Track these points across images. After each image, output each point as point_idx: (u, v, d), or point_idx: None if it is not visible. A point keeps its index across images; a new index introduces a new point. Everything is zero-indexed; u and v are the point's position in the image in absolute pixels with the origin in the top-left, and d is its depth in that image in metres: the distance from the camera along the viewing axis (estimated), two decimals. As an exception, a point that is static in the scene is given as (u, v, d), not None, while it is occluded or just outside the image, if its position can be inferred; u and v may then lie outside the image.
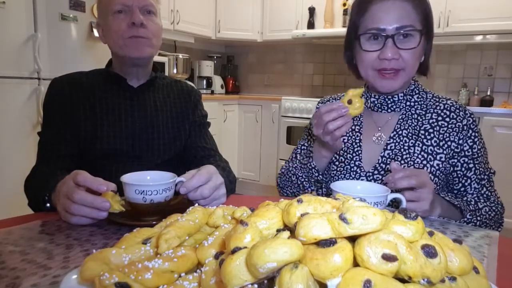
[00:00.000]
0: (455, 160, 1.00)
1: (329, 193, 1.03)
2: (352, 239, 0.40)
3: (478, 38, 3.31)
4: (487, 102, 3.32)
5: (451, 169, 1.01)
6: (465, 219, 0.92)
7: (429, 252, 0.39)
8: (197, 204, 0.68)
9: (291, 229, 0.45)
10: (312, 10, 3.85)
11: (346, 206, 0.43)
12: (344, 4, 3.69)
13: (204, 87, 4.21)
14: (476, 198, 1.00)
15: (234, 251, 0.40)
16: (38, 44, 2.33)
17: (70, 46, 2.54)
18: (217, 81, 4.33)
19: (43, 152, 1.10)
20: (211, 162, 1.10)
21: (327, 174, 1.07)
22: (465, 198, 1.00)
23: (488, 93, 3.36)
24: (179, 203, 0.83)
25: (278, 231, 0.46)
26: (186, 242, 0.55)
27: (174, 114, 1.21)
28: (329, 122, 0.89)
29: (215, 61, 4.50)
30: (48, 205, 0.84)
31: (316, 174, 1.04)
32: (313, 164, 1.03)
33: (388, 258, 0.37)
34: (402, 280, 0.38)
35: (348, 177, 1.04)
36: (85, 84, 1.14)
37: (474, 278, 0.43)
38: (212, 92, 4.25)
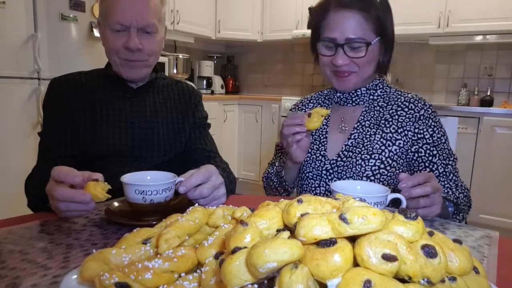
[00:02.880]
0: (417, 147, 1.07)
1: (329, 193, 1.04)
2: (352, 239, 0.40)
3: (478, 38, 3.31)
4: (487, 102, 3.32)
5: (416, 155, 1.07)
6: (451, 213, 0.97)
7: (429, 252, 0.39)
8: (197, 204, 0.68)
9: (291, 229, 0.45)
10: (312, 10, 3.85)
11: (346, 206, 0.43)
12: (344, 4, 3.69)
13: (204, 87, 4.21)
14: (449, 187, 1.04)
15: (234, 251, 0.40)
16: (38, 44, 2.33)
17: (70, 46, 2.54)
18: (217, 81, 4.33)
19: (43, 152, 1.10)
20: (211, 163, 1.09)
21: (296, 183, 1.18)
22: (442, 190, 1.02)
23: (488, 93, 3.36)
24: (179, 203, 0.83)
25: (278, 231, 0.46)
26: (186, 242, 0.55)
27: (174, 115, 1.20)
28: (292, 134, 1.00)
29: (215, 61, 4.50)
30: (49, 205, 0.84)
31: (284, 184, 1.15)
32: (282, 174, 1.14)
33: (388, 258, 0.37)
34: (402, 280, 0.38)
35: (313, 165, 1.12)
36: (84, 84, 1.13)
37: (474, 278, 0.43)
38: (212, 92, 4.25)
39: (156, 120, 1.16)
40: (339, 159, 1.10)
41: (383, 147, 1.06)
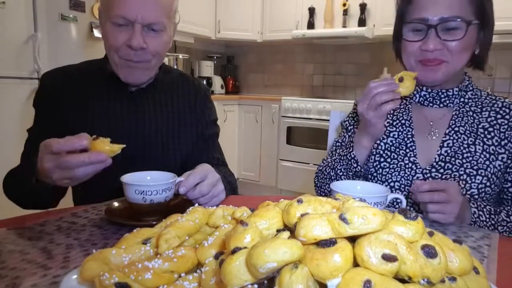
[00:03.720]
0: None
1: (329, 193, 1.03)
2: (352, 239, 0.40)
3: (478, 38, 3.31)
4: (487, 102, 3.32)
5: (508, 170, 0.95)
6: (497, 231, 0.87)
7: (429, 252, 0.39)
8: (197, 204, 0.68)
9: (291, 229, 0.45)
10: (312, 10, 3.85)
11: (346, 206, 0.43)
12: (344, 4, 3.69)
13: (204, 87, 4.21)
14: None
15: (234, 251, 0.40)
16: (38, 44, 2.33)
17: (70, 46, 2.54)
18: (217, 81, 4.33)
19: (29, 151, 0.99)
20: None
21: (365, 167, 1.01)
22: (500, 208, 0.93)
23: (488, 93, 3.36)
24: (179, 203, 0.83)
25: (278, 231, 0.46)
26: (186, 242, 0.55)
27: (176, 121, 1.09)
28: (377, 94, 0.86)
29: (215, 61, 4.50)
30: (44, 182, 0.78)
31: (355, 165, 0.98)
32: (353, 154, 0.98)
33: (388, 258, 0.37)
34: (402, 280, 0.38)
35: (403, 174, 0.97)
36: (79, 81, 1.04)
37: (474, 278, 0.43)
38: (212, 92, 4.25)
39: (155, 126, 1.06)
40: (433, 170, 0.95)
41: (487, 162, 0.93)
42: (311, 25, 3.86)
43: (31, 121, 1.04)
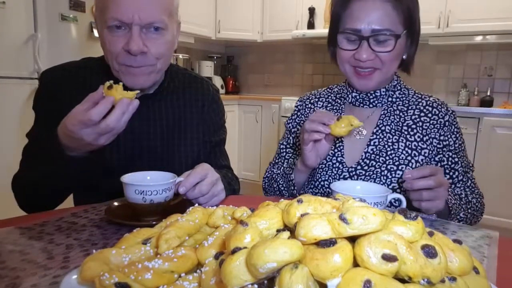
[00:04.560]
0: (441, 156, 1.01)
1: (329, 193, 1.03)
2: (352, 239, 0.40)
3: (478, 38, 3.31)
4: (487, 102, 3.31)
5: (438, 165, 1.01)
6: (458, 217, 0.94)
7: (429, 252, 0.39)
8: (197, 204, 0.68)
9: (291, 229, 0.45)
10: (312, 10, 3.85)
11: (346, 206, 0.43)
12: (344, 4, 3.69)
13: (204, 87, 4.21)
14: (464, 191, 1.02)
15: (234, 251, 0.40)
16: (38, 44, 2.33)
17: (70, 46, 2.54)
18: (217, 81, 4.33)
19: (30, 157, 0.96)
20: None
21: (303, 191, 1.06)
22: (456, 191, 1.01)
23: (488, 94, 3.36)
24: (179, 203, 0.83)
25: (278, 231, 0.46)
26: (186, 242, 0.55)
27: (182, 126, 1.06)
28: (308, 130, 0.90)
29: (215, 61, 4.50)
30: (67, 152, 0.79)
31: (293, 188, 1.03)
32: (292, 177, 1.03)
33: (388, 258, 0.37)
34: (402, 280, 0.38)
35: (330, 174, 1.02)
36: (79, 78, 0.99)
37: (474, 278, 0.43)
38: (212, 92, 4.25)
39: (160, 135, 1.02)
40: (359, 167, 1.01)
41: (409, 157, 0.99)
42: (311, 25, 3.86)
43: (31, 121, 1.03)
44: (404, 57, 1.03)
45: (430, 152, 1.00)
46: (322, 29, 3.80)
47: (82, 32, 2.59)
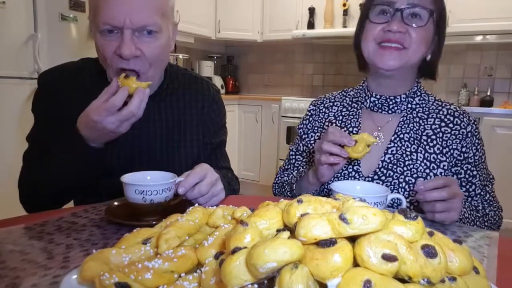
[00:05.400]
0: (458, 168, 0.98)
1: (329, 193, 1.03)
2: (352, 239, 0.40)
3: (478, 38, 3.31)
4: (487, 102, 3.31)
5: (454, 177, 0.98)
6: (475, 227, 0.91)
7: (429, 252, 0.39)
8: (197, 204, 0.68)
9: (291, 229, 0.45)
10: (312, 10, 3.85)
11: (346, 206, 0.43)
12: (344, 5, 3.69)
13: (204, 87, 4.21)
14: (482, 204, 0.99)
15: (234, 251, 0.40)
16: (38, 44, 2.33)
17: (70, 46, 2.54)
18: (217, 81, 4.33)
19: (32, 161, 0.95)
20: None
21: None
22: (473, 203, 0.99)
23: (488, 93, 3.36)
24: (179, 203, 0.83)
25: (278, 231, 0.46)
26: (186, 242, 0.55)
27: (182, 128, 1.05)
28: (326, 153, 0.88)
29: (215, 61, 4.50)
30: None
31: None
32: (294, 192, 1.03)
33: (388, 258, 0.37)
34: (402, 280, 0.38)
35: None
36: (77, 78, 0.99)
37: (474, 278, 0.43)
38: (212, 92, 4.25)
39: (160, 137, 1.02)
40: (375, 177, 0.97)
41: (427, 170, 0.95)
42: (311, 25, 3.86)
43: (31, 121, 1.02)
44: (428, 58, 1.00)
45: (449, 164, 0.97)
46: (322, 29, 3.80)
47: (82, 32, 2.59)
